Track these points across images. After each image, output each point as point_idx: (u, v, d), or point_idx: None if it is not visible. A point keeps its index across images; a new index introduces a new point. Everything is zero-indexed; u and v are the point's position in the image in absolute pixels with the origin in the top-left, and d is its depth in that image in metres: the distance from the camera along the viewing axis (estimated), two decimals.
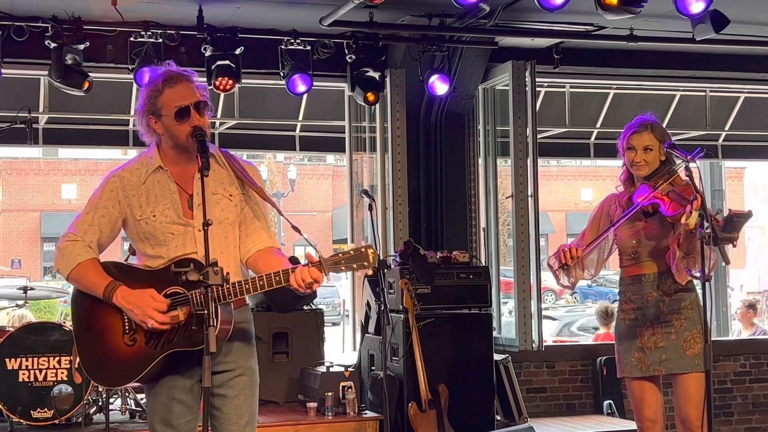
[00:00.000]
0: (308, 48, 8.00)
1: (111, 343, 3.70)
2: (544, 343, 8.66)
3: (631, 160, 4.88)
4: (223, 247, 3.77)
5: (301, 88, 7.97)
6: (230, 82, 7.68)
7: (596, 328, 12.03)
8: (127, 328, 3.69)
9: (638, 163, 4.85)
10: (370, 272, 7.02)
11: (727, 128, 10.58)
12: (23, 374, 6.88)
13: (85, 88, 7.43)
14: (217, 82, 7.64)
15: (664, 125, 9.92)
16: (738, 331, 11.22)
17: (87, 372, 3.80)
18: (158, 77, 3.77)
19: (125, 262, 3.86)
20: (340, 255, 3.51)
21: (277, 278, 3.55)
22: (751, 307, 10.76)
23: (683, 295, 4.82)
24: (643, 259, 4.88)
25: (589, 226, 5.04)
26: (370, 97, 8.11)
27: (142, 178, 3.78)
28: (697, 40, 7.30)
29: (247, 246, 3.84)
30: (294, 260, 7.78)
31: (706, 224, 4.42)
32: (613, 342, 5.11)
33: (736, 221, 4.50)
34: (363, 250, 3.49)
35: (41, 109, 8.62)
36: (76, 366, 6.79)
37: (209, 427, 3.70)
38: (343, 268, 3.51)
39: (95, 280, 3.69)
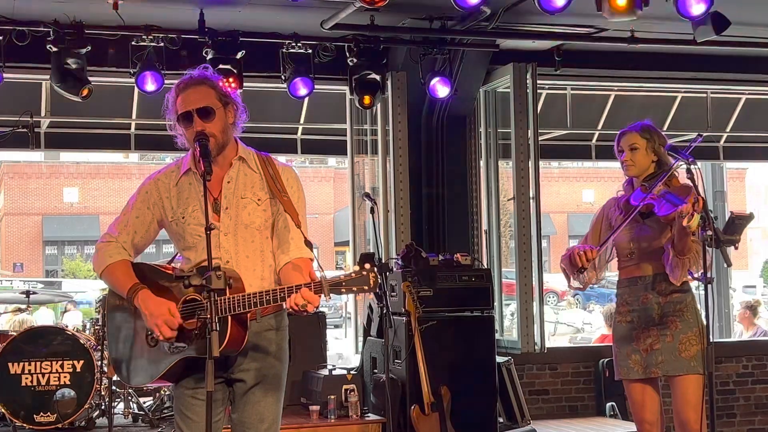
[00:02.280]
0: (309, 51, 8.01)
1: (136, 341, 3.80)
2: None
3: (621, 162, 4.94)
4: (249, 250, 3.79)
5: (303, 91, 7.98)
6: (234, 80, 7.65)
7: None
8: (149, 330, 3.75)
9: (625, 162, 4.90)
10: (370, 296, 7.01)
11: (728, 129, 10.58)
12: (26, 378, 6.88)
13: (84, 95, 7.43)
14: (224, 84, 7.62)
15: (665, 127, 10.01)
16: (740, 333, 11.21)
17: (114, 367, 3.91)
18: (177, 84, 3.85)
19: (158, 265, 3.92)
20: (342, 277, 3.52)
21: (282, 294, 3.55)
22: (749, 308, 10.74)
23: (679, 297, 4.83)
24: (640, 260, 4.90)
25: (590, 229, 5.07)
26: (366, 100, 8.10)
27: (174, 180, 3.85)
28: (698, 41, 7.31)
29: (278, 258, 3.84)
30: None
31: (707, 226, 4.42)
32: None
33: (737, 223, 4.51)
34: (365, 273, 3.49)
35: (43, 113, 8.64)
36: (105, 361, 6.83)
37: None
38: (343, 290, 3.52)
39: (122, 280, 3.78)
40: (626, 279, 4.97)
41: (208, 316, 3.46)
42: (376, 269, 3.52)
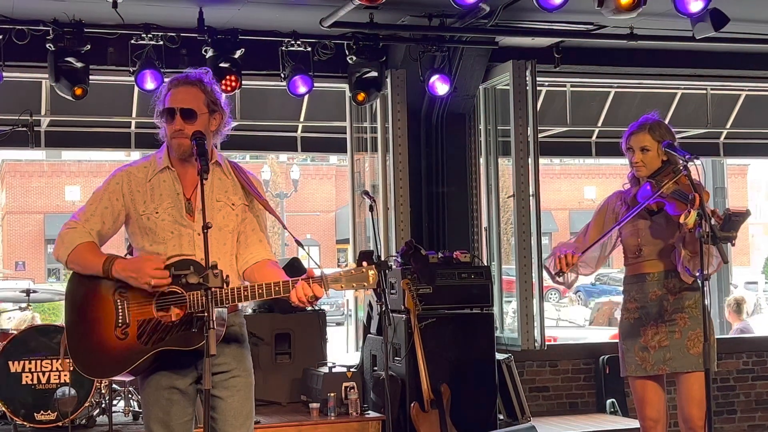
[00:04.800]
0: (309, 49, 8.01)
1: (102, 334, 3.73)
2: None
3: (630, 161, 4.91)
4: (221, 253, 3.80)
5: (302, 89, 7.98)
6: (234, 78, 7.65)
7: None
8: (120, 321, 3.71)
9: (636, 164, 4.88)
10: (368, 292, 7.04)
11: (728, 126, 10.58)
12: (26, 377, 6.90)
13: (78, 94, 7.42)
14: (224, 82, 7.63)
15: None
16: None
17: (75, 362, 3.81)
18: (171, 78, 3.87)
19: (124, 257, 3.88)
20: (341, 273, 3.57)
21: (277, 288, 3.60)
22: (730, 305, 10.72)
23: (688, 294, 4.82)
24: (647, 257, 4.88)
25: (593, 221, 5.03)
26: (360, 96, 8.11)
27: (149, 175, 3.84)
28: (697, 38, 7.31)
29: (244, 257, 3.89)
30: (297, 261, 7.81)
31: (704, 224, 4.42)
32: (616, 340, 5.12)
33: (734, 220, 4.51)
34: (364, 270, 3.54)
35: (43, 111, 8.65)
36: (63, 353, 6.76)
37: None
38: (343, 285, 3.57)
39: (93, 258, 3.75)
40: (633, 275, 4.95)
41: (206, 314, 3.48)
42: (374, 266, 3.55)
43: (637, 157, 4.85)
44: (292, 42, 7.94)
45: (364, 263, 3.57)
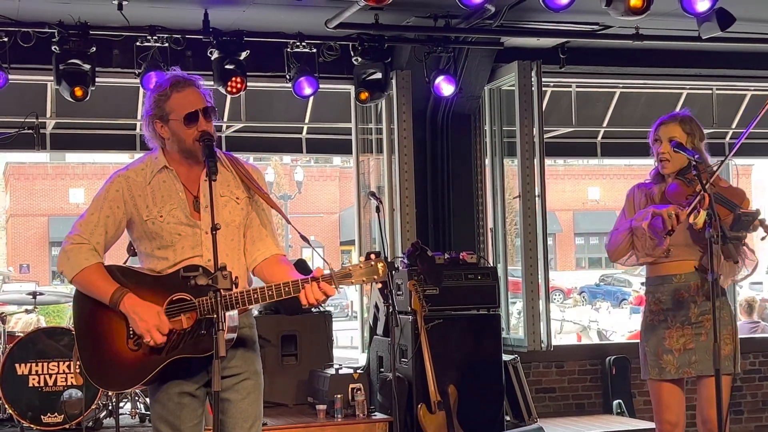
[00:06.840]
0: (314, 50, 8.02)
1: (114, 346, 3.68)
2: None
3: (656, 153, 4.73)
4: (229, 249, 3.75)
5: (307, 90, 7.98)
6: (240, 80, 7.65)
7: None
8: (131, 332, 3.65)
9: (662, 154, 4.69)
10: (379, 285, 7.04)
11: (734, 126, 10.56)
12: (33, 379, 6.90)
13: (78, 95, 7.42)
14: (230, 84, 7.62)
15: None
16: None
17: (89, 375, 3.75)
18: (165, 82, 3.77)
19: (129, 266, 3.84)
20: (350, 268, 3.52)
21: (287, 289, 3.55)
22: (742, 306, 10.68)
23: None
24: (675, 258, 4.71)
25: (626, 213, 4.84)
26: (362, 95, 8.11)
27: (148, 178, 3.76)
28: (703, 38, 7.29)
29: (253, 255, 3.84)
30: (303, 263, 7.81)
31: (714, 223, 4.36)
32: (621, 341, 5.08)
33: (744, 220, 4.48)
34: (373, 263, 3.50)
35: (48, 114, 8.65)
36: (77, 368, 6.76)
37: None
38: (353, 281, 3.53)
39: (102, 285, 3.67)
40: (658, 276, 4.80)
41: (215, 316, 3.45)
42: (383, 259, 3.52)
43: (664, 147, 4.67)
44: (297, 43, 7.94)
45: (372, 255, 3.53)
